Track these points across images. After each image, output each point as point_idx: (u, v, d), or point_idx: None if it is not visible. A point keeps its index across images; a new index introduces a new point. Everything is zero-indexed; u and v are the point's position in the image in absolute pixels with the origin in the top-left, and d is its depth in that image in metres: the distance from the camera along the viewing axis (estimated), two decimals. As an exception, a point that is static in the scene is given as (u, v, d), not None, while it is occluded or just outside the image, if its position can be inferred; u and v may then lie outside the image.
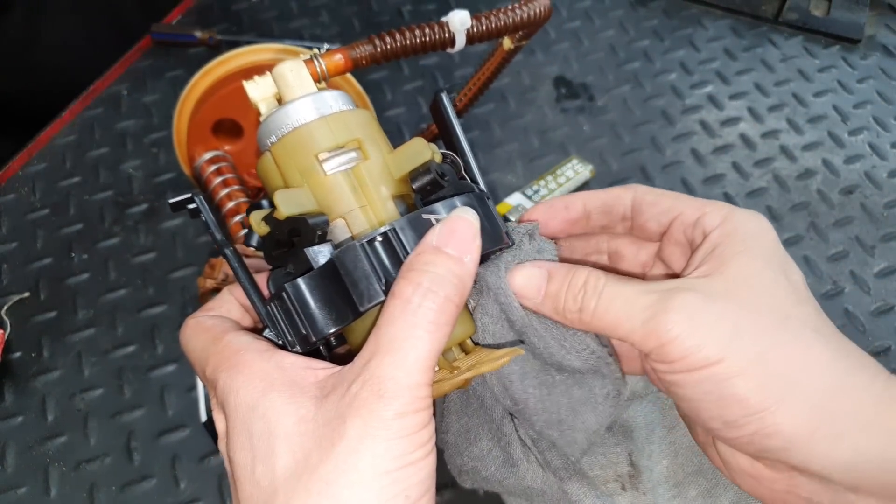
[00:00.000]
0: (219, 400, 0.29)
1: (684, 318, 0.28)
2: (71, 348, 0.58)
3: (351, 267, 0.30)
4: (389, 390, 0.26)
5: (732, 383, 0.28)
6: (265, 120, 0.34)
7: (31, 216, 0.66)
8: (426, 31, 0.43)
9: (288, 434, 0.27)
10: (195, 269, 0.62)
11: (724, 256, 0.30)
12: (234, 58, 0.58)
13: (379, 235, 0.30)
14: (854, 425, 0.27)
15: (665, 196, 0.35)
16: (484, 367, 0.31)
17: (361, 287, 0.29)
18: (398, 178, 0.33)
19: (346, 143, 0.33)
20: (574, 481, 0.39)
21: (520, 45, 0.51)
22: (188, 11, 0.83)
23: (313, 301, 0.30)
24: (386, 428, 0.26)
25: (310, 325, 0.30)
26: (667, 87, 0.74)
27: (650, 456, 0.41)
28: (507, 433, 0.37)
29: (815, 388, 0.27)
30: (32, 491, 0.51)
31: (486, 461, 0.38)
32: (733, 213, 0.32)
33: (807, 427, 0.27)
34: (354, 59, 0.41)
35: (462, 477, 0.40)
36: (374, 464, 0.26)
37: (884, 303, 0.58)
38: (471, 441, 0.38)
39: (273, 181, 0.34)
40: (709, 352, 0.28)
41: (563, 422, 0.35)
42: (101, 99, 0.75)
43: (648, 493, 0.40)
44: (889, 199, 0.64)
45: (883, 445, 0.27)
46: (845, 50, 0.77)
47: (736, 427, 0.28)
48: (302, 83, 0.35)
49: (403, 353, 0.27)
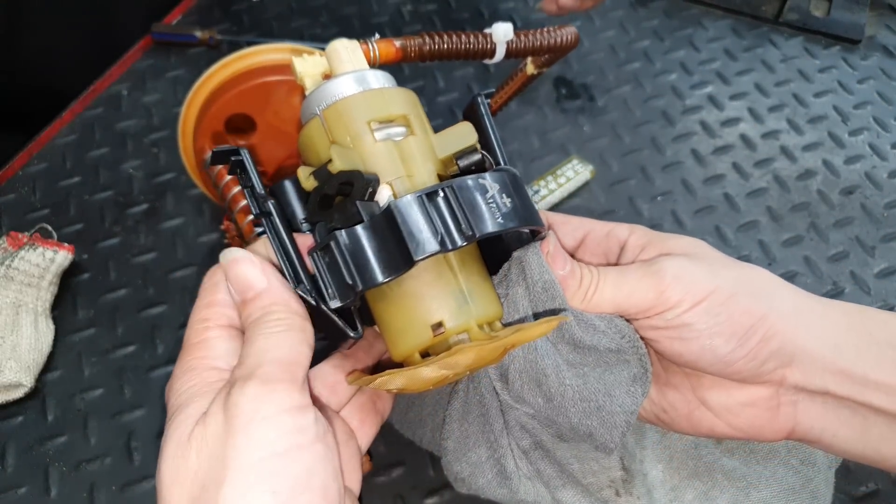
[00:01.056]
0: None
1: (672, 266, 0.34)
2: (71, 348, 0.58)
3: (409, 216, 0.30)
4: (242, 377, 0.28)
5: (736, 299, 0.34)
6: (317, 90, 0.35)
7: (31, 216, 0.66)
8: (471, 39, 0.46)
9: (180, 441, 0.28)
10: (195, 269, 0.62)
11: (660, 243, 0.37)
12: (251, 55, 0.57)
13: (440, 190, 0.30)
14: (813, 319, 0.35)
15: (571, 217, 0.40)
16: (528, 332, 0.31)
17: (417, 237, 0.29)
18: (442, 157, 0.34)
19: (396, 117, 0.34)
20: (568, 489, 0.39)
21: (541, 70, 0.54)
22: (188, 11, 0.83)
23: (369, 248, 0.30)
24: (243, 413, 0.27)
25: (360, 273, 0.30)
26: (667, 87, 0.74)
27: (643, 461, 0.41)
28: (503, 446, 0.38)
29: (783, 297, 0.35)
30: (32, 491, 0.51)
31: (483, 468, 0.38)
32: (633, 226, 0.39)
33: (790, 323, 0.34)
34: (405, 49, 0.42)
35: (458, 483, 0.40)
36: (243, 457, 0.27)
37: (884, 303, 0.58)
38: (469, 447, 0.38)
39: (319, 144, 0.34)
40: (703, 284, 0.34)
41: (602, 408, 0.35)
42: (101, 99, 0.75)
43: (643, 498, 0.40)
44: (889, 200, 0.64)
45: (833, 333, 0.35)
46: (845, 50, 0.77)
47: (747, 339, 0.33)
48: (355, 60, 0.37)
49: (254, 350, 0.30)
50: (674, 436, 0.42)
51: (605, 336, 0.35)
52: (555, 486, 0.39)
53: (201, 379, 0.31)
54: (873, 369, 0.34)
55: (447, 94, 0.75)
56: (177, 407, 0.30)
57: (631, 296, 0.34)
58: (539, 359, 0.34)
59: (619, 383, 0.36)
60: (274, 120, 0.58)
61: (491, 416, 0.37)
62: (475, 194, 0.31)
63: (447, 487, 0.49)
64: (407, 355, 0.33)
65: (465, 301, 0.32)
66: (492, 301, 0.34)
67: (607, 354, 0.36)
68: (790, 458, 0.41)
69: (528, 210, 0.33)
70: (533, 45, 0.48)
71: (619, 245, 0.38)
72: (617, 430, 0.36)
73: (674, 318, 0.34)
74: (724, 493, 0.40)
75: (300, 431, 0.28)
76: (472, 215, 0.30)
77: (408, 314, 0.32)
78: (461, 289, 0.33)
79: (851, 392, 0.34)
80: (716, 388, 0.37)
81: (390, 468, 0.50)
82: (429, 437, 0.42)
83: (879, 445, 0.35)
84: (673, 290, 0.34)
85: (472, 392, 0.38)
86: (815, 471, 0.41)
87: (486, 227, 0.30)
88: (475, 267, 0.34)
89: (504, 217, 0.31)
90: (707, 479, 0.41)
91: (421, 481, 0.50)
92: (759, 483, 0.41)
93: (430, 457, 0.51)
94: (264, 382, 0.28)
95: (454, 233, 0.30)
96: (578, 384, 0.35)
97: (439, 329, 0.32)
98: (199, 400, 0.30)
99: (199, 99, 0.58)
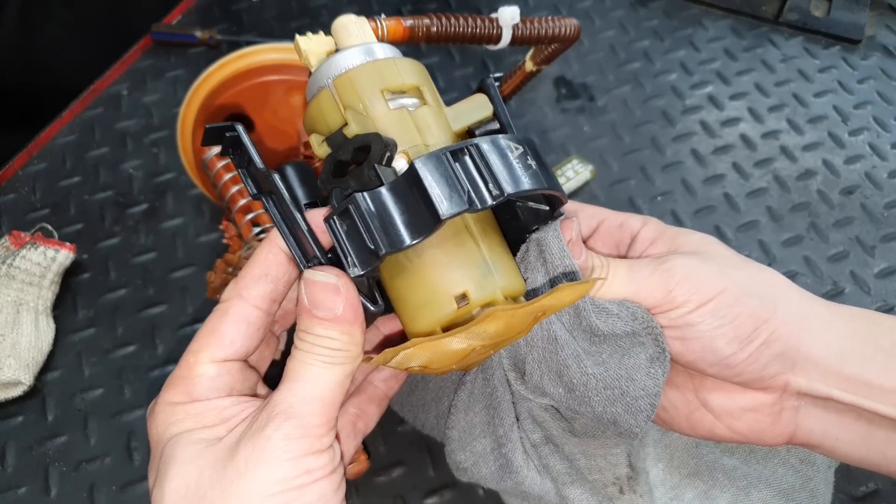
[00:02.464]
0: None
1: (682, 265, 0.34)
2: (71, 348, 0.58)
3: (434, 175, 0.28)
4: (280, 413, 0.28)
5: (742, 302, 0.34)
6: (326, 63, 0.34)
7: (32, 216, 0.66)
8: (478, 22, 0.44)
9: (185, 459, 0.28)
10: (195, 269, 0.62)
11: (671, 239, 0.37)
12: (249, 55, 0.57)
13: (465, 148, 0.29)
14: (819, 325, 0.35)
15: (586, 206, 0.40)
16: (564, 296, 0.30)
17: (444, 195, 0.28)
18: (456, 130, 0.33)
19: (410, 88, 0.33)
20: (575, 486, 0.39)
21: (539, 68, 0.53)
22: (188, 11, 0.83)
23: (394, 209, 0.28)
24: (272, 450, 0.28)
25: (384, 236, 0.28)
26: (667, 87, 0.74)
27: (645, 459, 0.41)
28: (513, 439, 0.37)
29: (790, 300, 0.35)
30: (32, 491, 0.51)
31: (487, 459, 0.38)
32: (646, 218, 0.39)
33: (795, 327, 0.34)
34: (412, 28, 0.42)
35: (459, 472, 0.40)
36: (256, 488, 0.27)
37: (884, 303, 0.58)
38: (474, 437, 0.38)
39: (330, 115, 0.33)
40: (712, 284, 0.34)
41: (626, 393, 0.35)
42: (101, 99, 0.75)
43: (645, 496, 0.40)
44: (889, 200, 0.64)
45: (838, 340, 0.34)
46: (845, 50, 0.77)
47: (749, 342, 0.33)
48: (364, 34, 0.35)
49: (301, 382, 0.29)
50: (674, 434, 0.42)
51: (619, 320, 0.35)
52: (563, 482, 0.39)
53: (189, 412, 0.31)
54: (879, 376, 0.33)
55: (447, 94, 0.75)
56: (172, 436, 0.30)
57: (639, 292, 0.34)
58: (559, 349, 0.34)
59: (639, 367, 0.35)
60: (272, 119, 0.58)
61: (502, 409, 0.37)
62: (500, 154, 0.29)
63: (447, 487, 0.49)
64: (429, 331, 0.31)
65: (490, 271, 0.31)
66: (515, 274, 0.33)
67: (623, 339, 0.35)
68: (790, 458, 0.41)
69: (550, 177, 0.31)
70: (538, 32, 0.48)
71: (631, 236, 0.38)
72: (642, 414, 0.35)
73: (678, 317, 0.34)
74: (725, 493, 0.40)
75: (320, 468, 0.29)
76: (499, 174, 0.29)
77: (430, 286, 0.30)
78: (485, 258, 0.31)
79: (856, 398, 0.34)
80: (718, 390, 0.37)
81: (390, 468, 0.50)
82: (432, 422, 0.42)
83: (884, 449, 0.35)
84: (681, 289, 0.34)
85: (480, 383, 0.38)
86: (815, 470, 0.41)
87: (513, 186, 0.29)
88: (496, 238, 0.33)
89: (530, 178, 0.29)
90: (707, 478, 0.41)
91: (421, 481, 0.50)
92: (759, 482, 0.41)
93: (430, 457, 0.51)
94: (301, 425, 0.28)
95: (483, 191, 0.28)
96: (601, 371, 0.34)
97: (463, 301, 0.30)
98: (199, 431, 0.30)
99: (198, 98, 0.58)
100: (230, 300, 0.31)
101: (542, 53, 0.53)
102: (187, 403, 0.30)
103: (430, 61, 0.78)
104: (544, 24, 0.48)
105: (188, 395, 0.30)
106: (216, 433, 0.29)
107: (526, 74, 0.55)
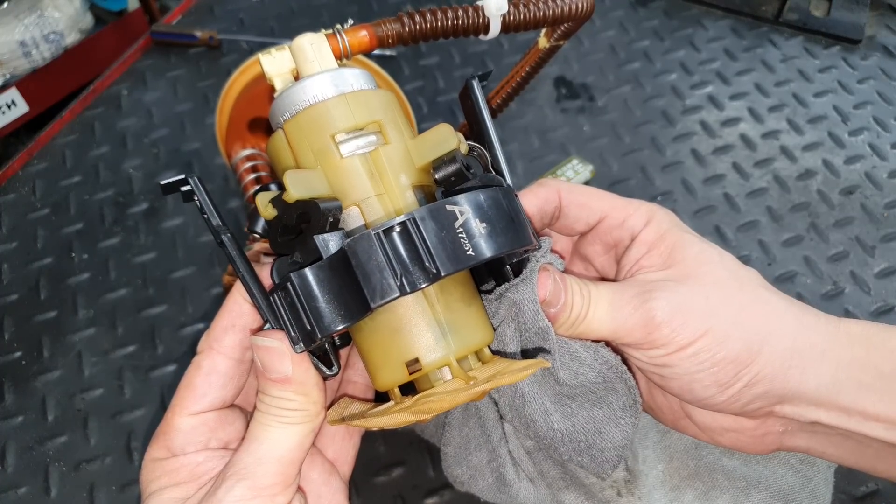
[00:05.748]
0: None
1: (665, 306, 0.32)
2: (71, 348, 0.58)
3: (364, 258, 0.27)
4: (233, 475, 0.29)
5: (724, 346, 0.32)
6: (279, 96, 0.32)
7: (32, 216, 0.66)
8: (459, 14, 0.39)
9: None
10: (195, 269, 0.62)
11: (669, 249, 0.35)
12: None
13: (397, 225, 0.27)
14: (812, 357, 0.32)
15: (592, 197, 0.37)
16: (504, 378, 0.29)
17: (374, 281, 0.27)
18: (420, 166, 0.31)
19: (366, 124, 0.31)
20: (570, 491, 0.39)
21: (557, 44, 0.47)
22: (188, 11, 0.83)
23: (321, 294, 0.28)
24: None
25: (315, 320, 0.28)
26: (667, 87, 0.74)
27: (645, 461, 0.41)
28: (502, 455, 0.38)
29: (782, 334, 0.33)
30: (32, 491, 0.51)
31: (483, 472, 0.39)
32: (653, 212, 0.36)
33: (781, 366, 0.32)
34: (380, 36, 0.38)
35: (457, 484, 0.40)
36: None
37: (884, 303, 0.58)
38: (470, 451, 0.39)
39: (284, 161, 0.32)
40: (695, 326, 0.32)
41: (592, 446, 0.35)
42: (101, 99, 0.75)
43: (644, 498, 0.40)
44: (889, 200, 0.64)
45: (833, 371, 0.32)
46: (845, 50, 0.77)
47: (729, 386, 0.32)
48: (322, 58, 0.33)
49: (257, 442, 0.30)
50: (674, 436, 0.42)
51: (591, 370, 0.34)
52: (558, 487, 0.39)
53: (166, 468, 0.31)
54: (875, 405, 0.32)
55: (447, 94, 0.75)
56: (149, 494, 0.31)
57: (618, 331, 0.33)
58: (525, 404, 0.34)
59: (608, 418, 0.35)
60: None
61: (488, 426, 0.37)
62: (440, 226, 0.27)
63: (447, 487, 0.49)
64: (387, 389, 0.31)
65: (444, 334, 0.30)
66: (477, 328, 0.31)
67: (595, 385, 0.35)
68: (790, 458, 0.41)
69: (511, 231, 0.29)
70: (535, 16, 0.41)
71: (631, 237, 0.36)
72: (609, 465, 0.35)
73: (657, 356, 0.33)
74: (725, 494, 0.40)
75: None
76: (436, 251, 0.27)
77: (382, 350, 0.30)
78: (439, 320, 0.30)
79: (848, 425, 0.33)
80: (701, 409, 0.36)
81: (390, 468, 0.50)
82: (431, 429, 0.42)
83: (874, 462, 0.34)
84: (662, 331, 0.32)
85: None
86: (815, 470, 0.41)
87: (452, 264, 0.27)
88: (457, 292, 0.31)
89: (475, 248, 0.28)
90: (707, 479, 0.41)
91: (421, 481, 0.50)
92: (759, 483, 0.41)
93: (430, 457, 0.51)
94: (254, 487, 0.29)
95: (417, 273, 0.27)
96: (567, 427, 0.34)
97: (416, 365, 0.29)
98: (170, 490, 0.31)
99: (228, 103, 0.59)
100: (202, 353, 0.32)
101: (559, 30, 0.48)
102: (166, 459, 0.31)
103: (429, 61, 0.78)
104: (544, 4, 0.42)
105: (168, 449, 0.31)
106: (185, 492, 0.30)
107: (541, 53, 0.50)
